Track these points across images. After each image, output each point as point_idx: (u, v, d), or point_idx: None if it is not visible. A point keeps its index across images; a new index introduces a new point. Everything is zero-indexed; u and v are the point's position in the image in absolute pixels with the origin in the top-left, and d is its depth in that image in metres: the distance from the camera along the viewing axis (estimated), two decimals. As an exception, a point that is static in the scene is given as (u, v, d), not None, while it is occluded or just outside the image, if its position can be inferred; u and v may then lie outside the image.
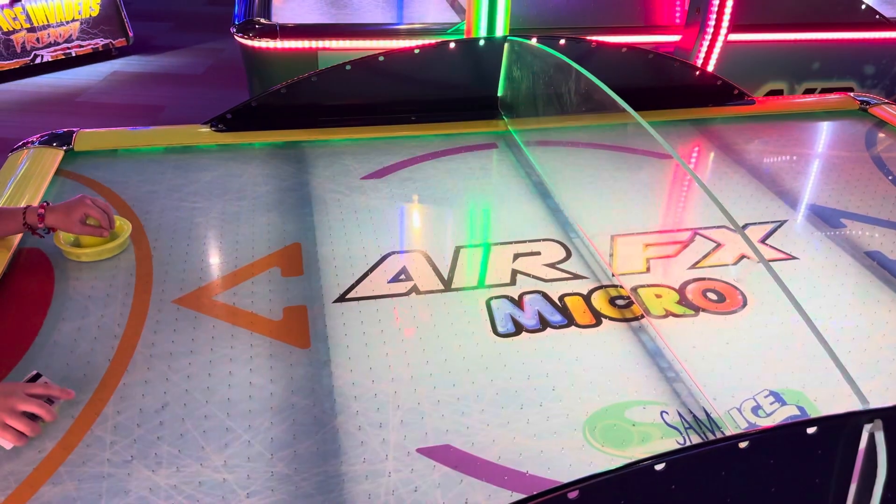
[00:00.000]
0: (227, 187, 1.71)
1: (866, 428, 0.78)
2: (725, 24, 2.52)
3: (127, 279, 1.38)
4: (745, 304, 1.40)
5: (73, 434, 1.05)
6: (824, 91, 2.91)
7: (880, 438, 0.78)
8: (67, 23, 5.09)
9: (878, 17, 2.83)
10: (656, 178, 1.84)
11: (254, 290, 1.37)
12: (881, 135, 2.10)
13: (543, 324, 1.32)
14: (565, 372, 1.21)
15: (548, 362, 1.23)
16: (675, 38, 2.66)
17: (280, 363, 1.20)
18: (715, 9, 2.49)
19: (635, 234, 1.61)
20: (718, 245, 1.58)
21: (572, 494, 0.72)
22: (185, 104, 4.52)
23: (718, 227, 1.64)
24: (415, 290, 1.39)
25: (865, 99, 2.24)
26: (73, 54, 5.11)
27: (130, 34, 5.32)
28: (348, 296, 1.37)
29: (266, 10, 2.72)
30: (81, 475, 0.99)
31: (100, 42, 5.23)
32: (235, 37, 2.60)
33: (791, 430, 0.78)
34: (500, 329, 1.31)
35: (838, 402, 1.17)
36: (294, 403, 1.12)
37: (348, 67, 1.93)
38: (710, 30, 2.53)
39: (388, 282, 1.41)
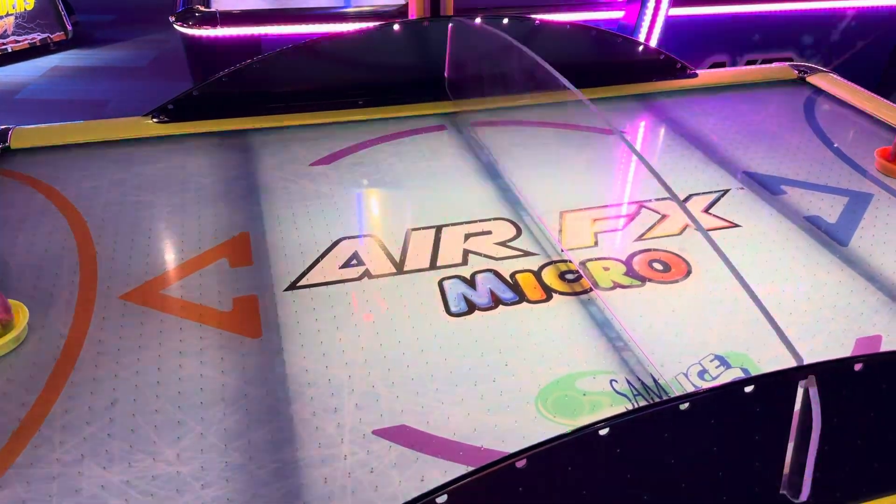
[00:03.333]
0: (172, 179, 1.68)
1: (801, 384, 0.82)
2: (667, -2, 2.56)
3: (70, 277, 1.35)
4: (689, 273, 1.43)
5: (19, 437, 1.03)
6: (765, 62, 2.97)
7: (814, 393, 0.81)
8: (1, 18, 4.90)
9: (814, -13, 2.90)
10: (602, 154, 1.86)
11: (202, 282, 1.35)
12: (819, 103, 2.16)
13: (495, 301, 1.34)
14: (517, 347, 1.23)
15: (500, 339, 1.25)
16: (619, 14, 2.69)
17: (231, 354, 1.19)
18: (655, -17, 2.53)
19: (583, 210, 1.63)
20: (664, 216, 1.61)
21: (520, 463, 0.74)
22: (129, 98, 4.41)
23: (663, 198, 1.67)
24: (367, 274, 1.39)
25: (803, 68, 2.29)
26: (10, 50, 4.94)
27: (69, 27, 5.15)
28: (299, 283, 1.36)
29: (206, -3, 2.66)
30: (31, 476, 0.97)
31: (37, 37, 5.06)
32: (175, 25, 2.54)
33: (729, 390, 0.80)
34: (453, 309, 1.32)
35: (782, 362, 1.20)
36: (247, 393, 1.12)
37: (291, 53, 1.91)
38: (651, 4, 2.56)
39: (340, 268, 1.41)
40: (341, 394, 1.12)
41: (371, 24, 1.97)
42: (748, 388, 0.80)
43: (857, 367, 0.83)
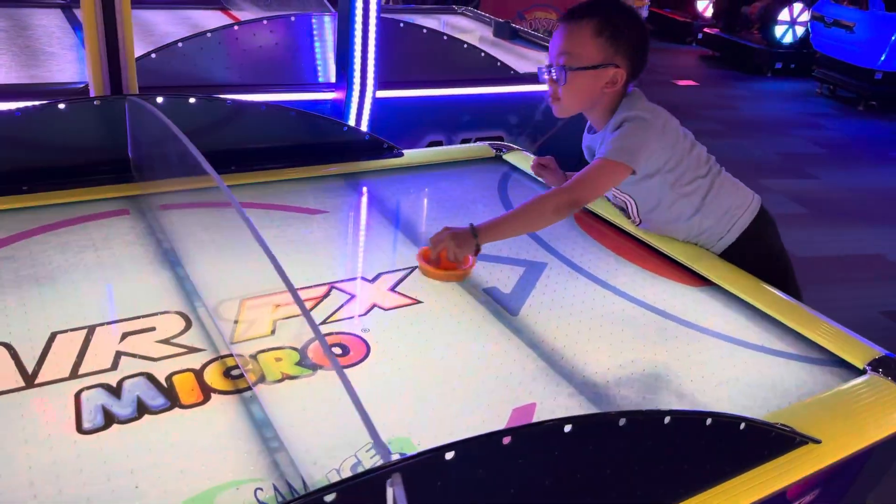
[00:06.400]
0: None
1: (388, 484, 0.78)
2: (371, 82, 2.65)
3: None
4: (367, 355, 1.40)
5: None
6: (479, 140, 3.19)
7: (400, 493, 0.77)
8: None
9: (512, 72, 3.20)
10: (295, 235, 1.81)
11: None
12: (511, 178, 2.32)
13: (141, 410, 1.19)
14: (155, 464, 1.09)
15: (137, 456, 1.10)
16: (333, 94, 2.73)
17: None
18: (357, 68, 2.61)
19: (268, 296, 1.55)
20: (352, 297, 1.59)
21: None
22: None
23: (353, 279, 1.66)
24: (-17, 393, 1.18)
25: (500, 147, 2.47)
26: None
27: None
28: None
29: None
30: None
31: None
32: None
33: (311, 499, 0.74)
34: (87, 425, 1.14)
35: (442, 441, 1.20)
36: None
37: (-75, 135, 1.65)
38: (357, 87, 2.64)
39: (-53, 388, 1.18)
40: None
41: (35, 103, 1.77)
42: (329, 497, 0.74)
43: (449, 455, 0.82)
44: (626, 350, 1.49)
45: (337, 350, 1.41)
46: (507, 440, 0.85)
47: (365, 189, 2.16)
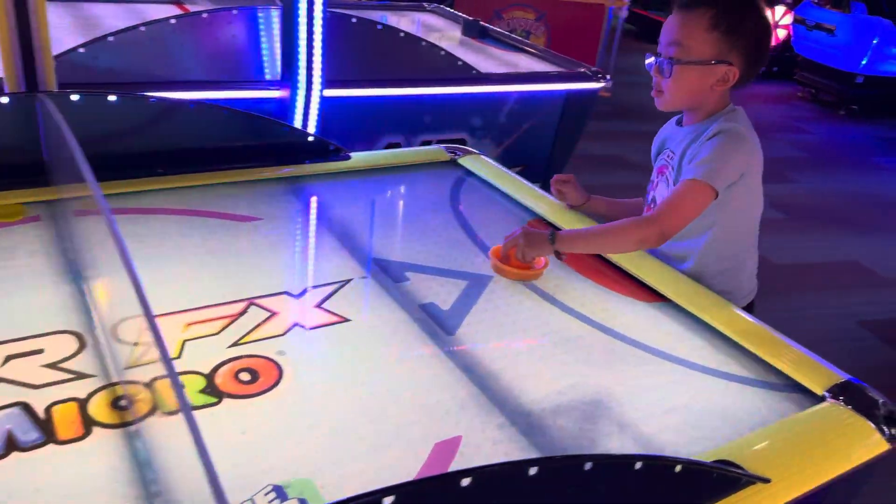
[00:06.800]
0: None
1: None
2: (318, 80, 2.51)
3: None
4: (279, 381, 1.27)
5: None
6: (440, 142, 3.06)
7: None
8: None
9: (474, 72, 3.07)
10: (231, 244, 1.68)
11: None
12: (465, 184, 2.20)
13: (10, 447, 1.05)
14: (12, 513, 0.95)
15: (-8, 502, 0.96)
16: (278, 93, 2.59)
17: None
18: (302, 65, 2.47)
19: (178, 313, 1.41)
20: (273, 314, 1.46)
21: None
22: None
23: (278, 293, 1.52)
24: None
25: (455, 150, 2.34)
26: None
27: None
28: None
29: None
30: None
31: None
32: None
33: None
34: (-58, 465, 1.01)
35: (347, 484, 1.08)
36: None
37: None
38: (303, 86, 2.50)
39: None
40: None
41: (-67, 99, 1.63)
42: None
43: (314, 522, 0.69)
44: (567, 374, 1.37)
45: (245, 376, 1.28)
46: (389, 501, 0.73)
47: (304, 194, 2.03)
